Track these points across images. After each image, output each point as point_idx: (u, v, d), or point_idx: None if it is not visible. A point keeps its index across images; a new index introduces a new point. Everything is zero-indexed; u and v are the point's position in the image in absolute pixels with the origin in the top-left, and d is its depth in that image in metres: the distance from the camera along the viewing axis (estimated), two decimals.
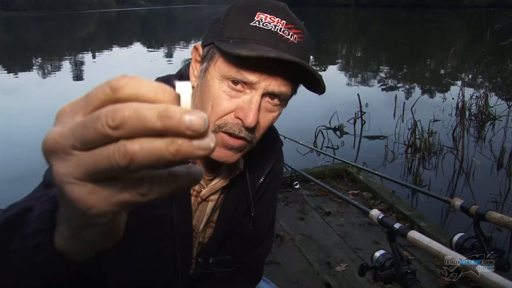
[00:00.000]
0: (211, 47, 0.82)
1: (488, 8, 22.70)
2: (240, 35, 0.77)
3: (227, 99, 0.79)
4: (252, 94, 0.78)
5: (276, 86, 0.78)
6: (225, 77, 0.79)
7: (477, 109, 5.89)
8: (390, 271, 1.11)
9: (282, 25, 0.78)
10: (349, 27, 28.55)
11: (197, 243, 1.01)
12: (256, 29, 0.77)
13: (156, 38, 24.84)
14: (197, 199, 0.95)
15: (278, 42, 0.77)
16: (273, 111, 0.83)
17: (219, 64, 0.80)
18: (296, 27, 0.80)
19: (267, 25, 0.77)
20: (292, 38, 0.79)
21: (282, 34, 0.78)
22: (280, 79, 0.78)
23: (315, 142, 5.06)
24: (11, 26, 43.47)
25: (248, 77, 0.77)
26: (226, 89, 0.79)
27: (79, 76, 11.47)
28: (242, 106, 0.79)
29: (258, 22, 0.78)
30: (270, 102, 0.81)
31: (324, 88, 0.82)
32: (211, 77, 0.81)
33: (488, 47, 6.58)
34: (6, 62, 15.42)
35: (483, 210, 1.19)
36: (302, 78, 0.82)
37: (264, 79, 0.77)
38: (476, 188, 3.83)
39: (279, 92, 0.79)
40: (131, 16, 60.63)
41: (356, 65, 13.02)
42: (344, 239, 2.76)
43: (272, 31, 0.77)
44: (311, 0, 68.22)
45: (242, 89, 0.79)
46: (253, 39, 0.77)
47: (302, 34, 0.81)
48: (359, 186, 3.51)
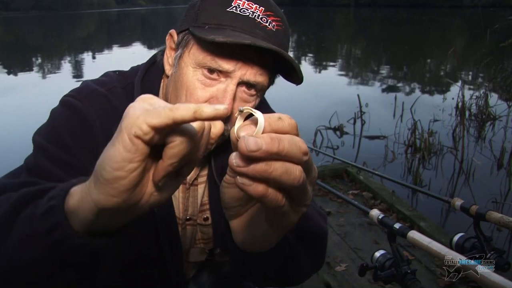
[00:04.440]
0: (185, 34, 0.79)
1: (488, 8, 22.67)
2: (216, 21, 0.74)
3: (201, 88, 0.76)
4: (227, 82, 0.75)
5: (252, 75, 0.75)
6: (200, 65, 0.76)
7: (477, 109, 5.89)
8: (390, 271, 1.10)
9: (260, 12, 0.75)
10: (349, 27, 28.55)
11: (198, 231, 0.96)
12: (233, 15, 0.74)
13: (156, 38, 24.84)
14: (185, 186, 0.92)
15: (255, 29, 0.74)
16: (249, 101, 0.79)
17: (193, 51, 0.77)
18: (275, 14, 0.77)
19: (245, 12, 0.74)
20: (270, 25, 0.75)
21: (260, 21, 0.75)
22: (256, 68, 0.75)
23: (314, 142, 5.06)
24: (11, 26, 43.45)
25: (224, 65, 0.74)
26: (200, 78, 0.76)
27: (79, 76, 11.46)
28: (217, 95, 0.76)
29: (235, 8, 0.74)
30: (246, 92, 0.78)
31: (302, 78, 0.78)
32: (185, 64, 0.78)
33: (488, 47, 6.58)
34: (6, 62, 15.41)
35: (483, 210, 1.19)
36: (280, 67, 0.79)
37: (240, 67, 0.74)
38: (476, 188, 3.83)
39: (255, 81, 0.76)
40: (131, 16, 60.64)
41: (356, 65, 13.01)
42: (344, 239, 2.76)
43: (250, 17, 0.74)
44: (311, 0, 68.19)
45: (217, 78, 0.76)
46: (229, 25, 0.73)
47: (281, 22, 0.78)
48: (359, 186, 3.51)
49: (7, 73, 12.82)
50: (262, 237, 0.52)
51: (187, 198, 0.92)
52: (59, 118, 0.81)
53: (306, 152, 0.41)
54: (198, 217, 0.95)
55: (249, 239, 0.54)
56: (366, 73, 11.12)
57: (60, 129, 0.78)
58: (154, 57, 0.92)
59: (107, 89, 0.84)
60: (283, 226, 0.49)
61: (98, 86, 0.84)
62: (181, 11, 4.55)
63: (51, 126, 0.81)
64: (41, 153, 0.77)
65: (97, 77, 0.92)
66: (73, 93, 0.84)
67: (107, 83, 0.87)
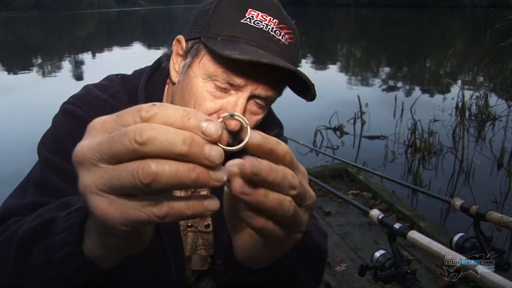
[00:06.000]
0: (196, 42, 0.77)
1: (488, 8, 22.67)
2: (230, 33, 0.72)
3: (211, 99, 0.74)
4: (237, 96, 0.74)
5: (263, 90, 0.74)
6: (211, 77, 0.74)
7: (477, 109, 5.89)
8: (390, 271, 1.10)
9: (274, 25, 0.73)
10: (349, 27, 28.55)
11: (200, 238, 0.96)
12: (247, 28, 0.72)
13: (156, 38, 24.83)
14: (187, 192, 0.90)
15: (269, 43, 0.73)
16: (257, 113, 0.79)
17: (204, 62, 0.75)
18: (288, 27, 0.76)
19: (259, 24, 0.73)
20: (283, 39, 0.74)
21: (274, 34, 0.73)
22: (268, 84, 0.74)
23: (314, 142, 5.06)
24: (11, 26, 43.44)
25: (236, 80, 0.72)
26: (210, 89, 0.74)
27: (79, 76, 11.47)
28: (227, 107, 0.74)
29: (249, 19, 0.73)
30: (256, 104, 0.77)
31: (315, 95, 0.77)
32: (194, 74, 0.76)
33: (488, 47, 6.58)
34: (6, 62, 15.41)
35: (483, 210, 1.19)
36: (292, 82, 0.78)
37: (252, 82, 0.73)
38: (476, 188, 3.83)
39: (265, 96, 0.75)
40: (131, 16, 60.61)
41: (356, 65, 13.02)
42: (344, 239, 2.76)
43: (264, 30, 0.73)
44: (311, 0, 68.20)
45: (227, 90, 0.74)
46: (243, 38, 0.72)
47: (293, 35, 0.77)
48: (359, 186, 3.51)
49: (7, 73, 12.83)
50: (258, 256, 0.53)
51: None
52: (61, 127, 0.79)
53: (294, 186, 0.40)
54: (200, 224, 0.94)
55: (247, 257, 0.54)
56: (366, 73, 11.13)
57: (64, 139, 0.77)
58: (159, 61, 0.90)
59: (109, 94, 0.82)
60: (278, 251, 0.50)
61: (99, 92, 0.83)
62: (181, 11, 4.49)
63: (54, 137, 0.79)
64: (47, 167, 0.75)
65: (99, 80, 0.90)
66: (74, 99, 0.82)
67: (109, 88, 0.85)
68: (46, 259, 0.53)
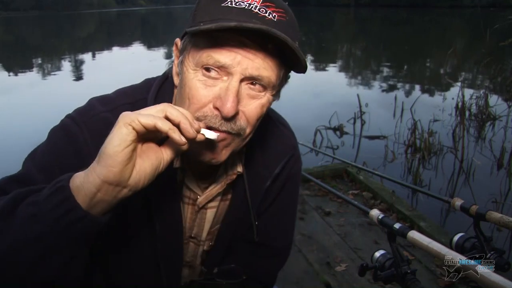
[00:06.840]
0: (185, 38, 0.76)
1: (488, 8, 22.66)
2: (210, 17, 0.70)
3: (203, 88, 0.72)
4: (229, 80, 0.71)
5: (254, 69, 0.70)
6: (198, 65, 0.72)
7: (477, 109, 5.89)
8: (390, 271, 1.10)
9: (257, 3, 0.70)
10: (349, 27, 28.54)
11: (201, 251, 0.97)
12: (227, 9, 0.70)
13: (156, 38, 24.83)
14: (194, 208, 0.91)
15: (252, 19, 0.68)
16: (258, 97, 0.74)
17: (191, 52, 0.74)
18: (276, 6, 0.72)
19: (240, 4, 0.70)
20: (270, 16, 0.70)
21: (258, 11, 0.69)
22: (258, 60, 0.70)
23: (314, 142, 5.06)
24: (11, 26, 43.43)
25: (220, 59, 0.69)
26: (201, 78, 0.72)
27: (79, 76, 11.46)
28: (219, 93, 0.71)
29: (230, 2, 0.70)
30: (252, 87, 0.73)
31: (306, 67, 0.75)
32: (186, 68, 0.75)
33: (488, 47, 6.58)
34: (6, 62, 15.41)
35: (483, 210, 1.19)
36: (286, 59, 0.74)
37: (240, 61, 0.69)
38: (476, 188, 3.83)
39: (259, 75, 0.71)
40: (131, 16, 60.61)
41: (356, 65, 13.02)
42: (344, 239, 2.76)
43: (245, 9, 0.69)
44: (311, 0, 68.18)
45: (218, 76, 0.71)
46: (223, 18, 0.68)
47: (285, 14, 0.73)
48: (359, 186, 3.51)
49: (7, 73, 12.82)
50: None
51: (194, 219, 0.93)
52: (53, 146, 0.80)
53: None
54: (206, 244, 0.97)
55: None
56: (366, 73, 11.13)
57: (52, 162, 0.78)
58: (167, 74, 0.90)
59: (110, 109, 0.82)
60: None
61: (102, 107, 0.82)
62: (181, 11, 4.49)
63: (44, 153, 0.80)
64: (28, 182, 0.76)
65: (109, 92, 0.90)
66: (75, 114, 0.82)
67: (112, 102, 0.84)
68: (33, 201, 0.62)
